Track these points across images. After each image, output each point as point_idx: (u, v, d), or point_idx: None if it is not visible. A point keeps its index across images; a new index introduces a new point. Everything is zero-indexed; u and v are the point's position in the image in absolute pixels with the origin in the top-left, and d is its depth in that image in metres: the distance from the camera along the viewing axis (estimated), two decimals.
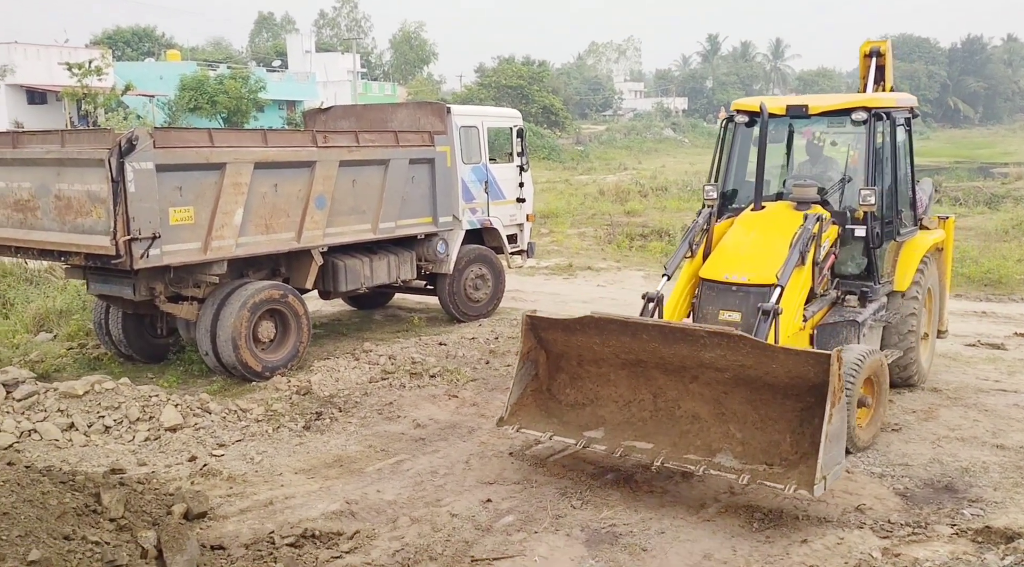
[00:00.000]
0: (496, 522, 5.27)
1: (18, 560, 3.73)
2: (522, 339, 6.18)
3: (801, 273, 6.45)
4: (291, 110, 48.80)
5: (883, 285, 7.32)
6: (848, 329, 6.81)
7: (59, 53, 37.11)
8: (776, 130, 7.83)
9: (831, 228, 6.97)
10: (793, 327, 6.34)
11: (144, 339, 9.18)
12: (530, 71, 60.98)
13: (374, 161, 9.60)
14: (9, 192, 8.12)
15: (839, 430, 5.07)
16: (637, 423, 5.91)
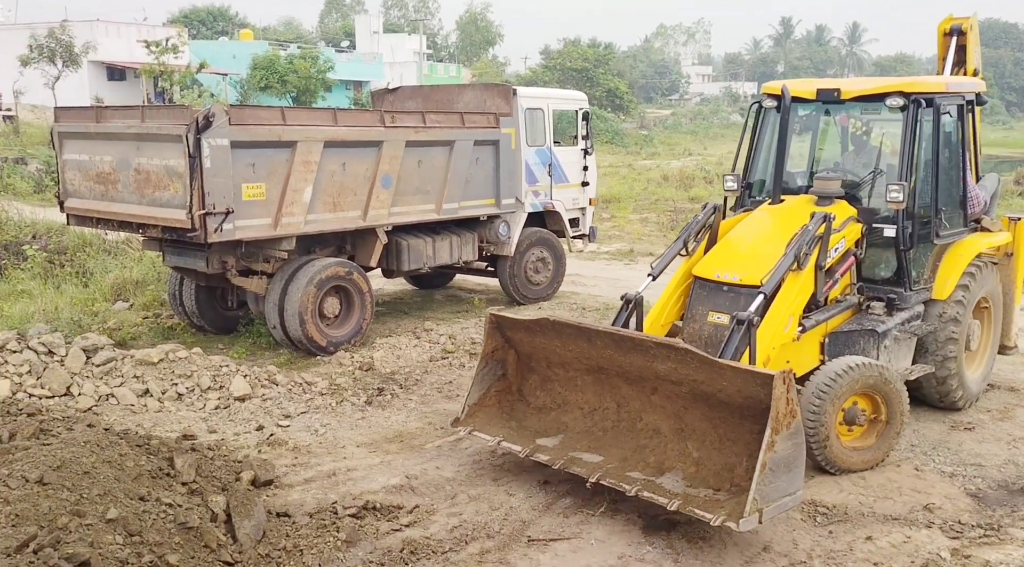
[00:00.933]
0: (553, 503, 5.30)
1: (97, 517, 3.91)
2: (485, 338, 6.01)
3: (798, 278, 5.82)
4: (358, 90, 49.37)
5: (917, 292, 6.55)
6: (865, 339, 6.18)
7: (138, 31, 38.33)
8: (808, 117, 7.26)
9: (851, 226, 6.32)
10: (781, 337, 5.72)
11: (215, 311, 9.48)
12: (596, 54, 60.32)
13: (439, 142, 9.66)
14: (92, 165, 8.45)
15: (788, 459, 4.51)
16: (597, 432, 5.60)
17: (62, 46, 29.77)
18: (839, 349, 6.16)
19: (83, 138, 8.55)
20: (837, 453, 5.60)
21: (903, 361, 6.46)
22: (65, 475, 4.09)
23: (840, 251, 6.23)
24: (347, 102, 45.43)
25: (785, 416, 4.46)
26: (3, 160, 21.75)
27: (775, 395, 4.38)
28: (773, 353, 5.65)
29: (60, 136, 8.77)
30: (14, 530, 3.54)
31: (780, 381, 4.44)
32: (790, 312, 5.80)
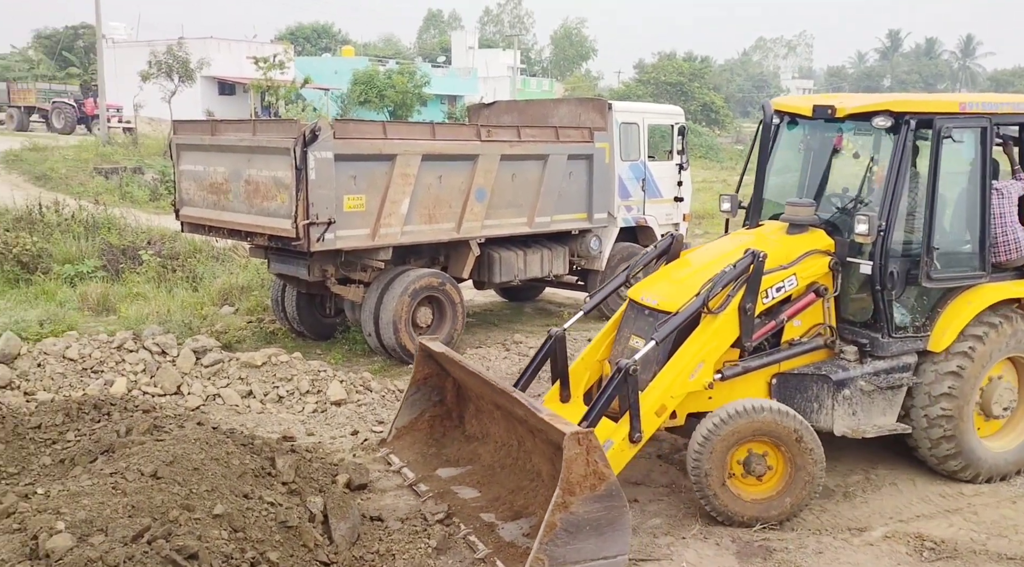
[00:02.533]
0: (643, 523, 5.23)
1: (205, 512, 4.10)
2: (415, 365, 6.00)
3: (713, 322, 5.31)
4: (452, 105, 50.34)
5: (902, 340, 5.76)
6: (818, 385, 5.61)
7: (248, 48, 40.19)
8: (810, 135, 6.65)
9: (813, 261, 5.68)
10: (685, 385, 5.24)
11: (314, 317, 9.82)
12: (691, 67, 59.56)
13: (533, 156, 9.75)
14: (206, 176, 8.92)
15: (595, 521, 4.20)
16: (497, 468, 5.43)
17: (179, 62, 31.52)
18: (789, 392, 5.64)
19: (199, 150, 9.04)
20: (732, 505, 5.13)
21: (877, 417, 5.70)
22: (176, 470, 4.30)
23: (787, 290, 5.63)
24: (442, 116, 46.37)
25: (586, 477, 4.18)
26: (123, 170, 23.17)
27: (568, 456, 4.13)
28: (672, 402, 5.21)
29: (178, 148, 9.30)
30: (130, 520, 3.75)
31: (574, 441, 4.14)
32: (699, 358, 5.28)
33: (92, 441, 4.84)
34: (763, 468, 5.16)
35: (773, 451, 5.18)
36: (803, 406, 5.60)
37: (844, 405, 5.59)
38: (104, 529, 3.59)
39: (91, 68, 43.32)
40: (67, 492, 3.95)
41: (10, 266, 11.92)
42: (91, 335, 8.05)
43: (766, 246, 5.64)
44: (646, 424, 5.04)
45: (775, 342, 5.73)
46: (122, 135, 31.51)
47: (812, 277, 5.71)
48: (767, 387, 5.63)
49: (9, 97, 37.95)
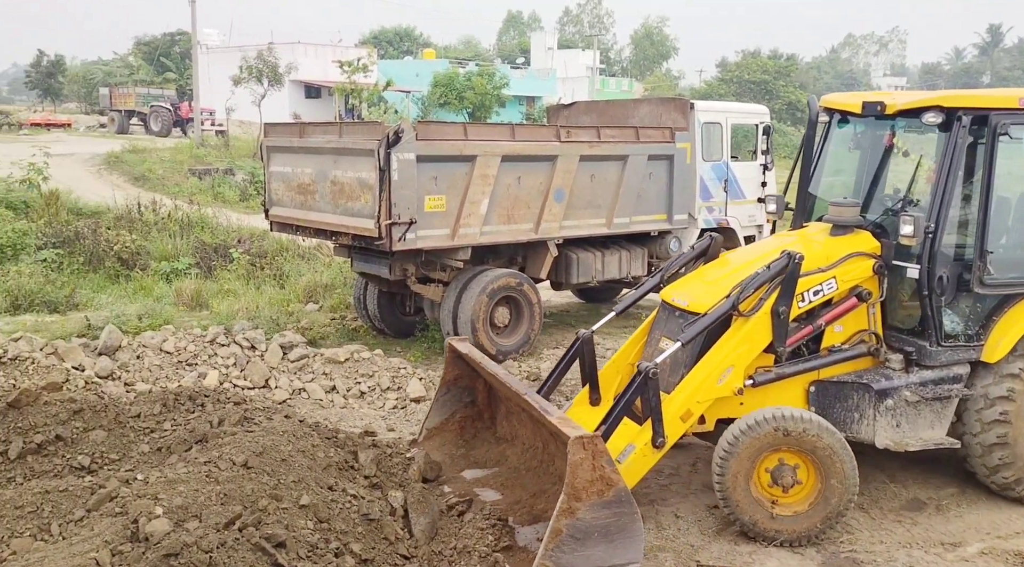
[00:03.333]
0: (724, 530, 5.14)
1: (292, 502, 4.24)
2: (445, 366, 5.89)
3: (743, 325, 5.09)
4: (530, 105, 50.51)
5: (952, 349, 5.44)
6: (858, 394, 5.32)
7: (333, 52, 41.34)
8: (861, 133, 6.33)
9: (854, 263, 5.40)
10: (712, 390, 5.04)
11: (395, 315, 10.02)
12: (776, 65, 58.11)
13: (613, 156, 9.69)
14: (294, 177, 9.21)
15: (604, 528, 4.07)
16: (522, 470, 5.26)
17: (268, 67, 32.65)
18: (828, 400, 5.38)
19: (287, 152, 9.35)
20: (760, 519, 4.88)
21: (923, 429, 5.38)
22: (266, 461, 4.46)
23: (826, 293, 5.35)
24: (520, 117, 46.59)
25: (592, 483, 4.05)
26: (215, 171, 24.16)
27: (573, 460, 4.01)
28: (698, 407, 5.03)
29: (268, 150, 9.64)
30: (222, 507, 3.91)
31: (579, 446, 4.00)
32: (729, 362, 5.07)
33: (187, 431, 5.06)
34: (790, 480, 4.92)
35: (803, 463, 4.94)
36: (843, 416, 5.35)
37: (887, 416, 5.32)
38: (198, 515, 3.76)
39: (186, 73, 45.38)
40: (164, 479, 4.14)
41: (111, 262, 12.58)
42: (186, 329, 8.43)
43: (807, 248, 5.42)
44: (670, 429, 4.88)
45: (815, 348, 5.49)
46: (214, 137, 32.86)
47: (854, 280, 5.44)
48: (804, 395, 5.38)
49: (111, 101, 40.11)
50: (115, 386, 7.11)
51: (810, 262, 5.28)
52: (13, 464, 4.74)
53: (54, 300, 10.15)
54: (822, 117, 6.25)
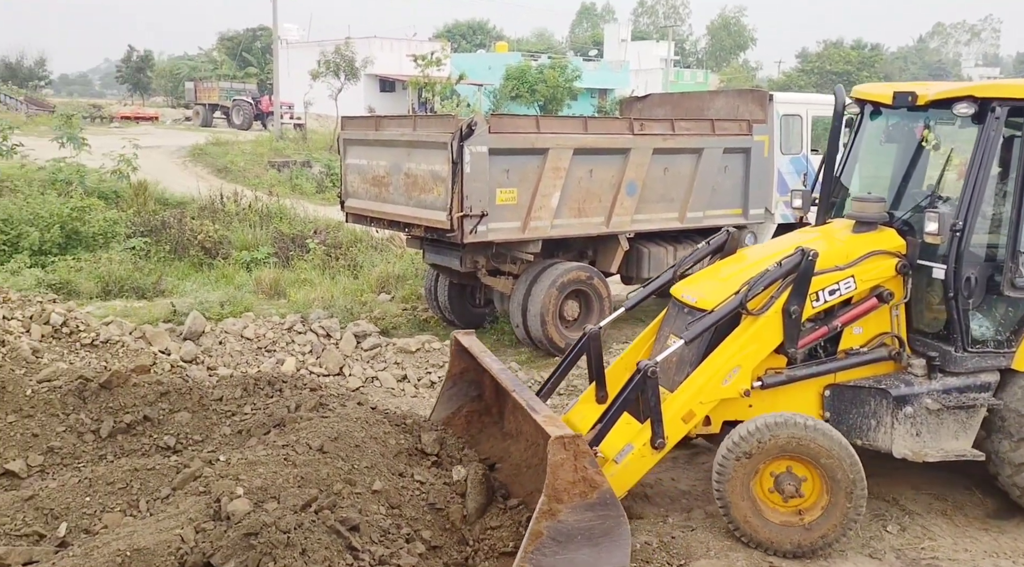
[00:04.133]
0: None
1: (365, 487, 4.34)
2: (450, 360, 5.71)
3: (752, 324, 4.85)
4: (602, 98, 50.13)
5: (980, 356, 5.10)
6: (876, 400, 5.02)
7: (407, 46, 41.89)
8: (893, 126, 5.99)
9: (875, 262, 5.09)
10: (716, 391, 4.82)
11: (465, 307, 10.12)
12: (860, 55, 56.15)
13: (687, 149, 9.54)
14: (369, 169, 9.39)
15: (588, 530, 3.93)
16: (523, 467, 5.09)
17: (345, 61, 33.31)
18: (844, 405, 5.09)
19: (363, 145, 9.53)
20: (756, 527, 4.65)
21: (946, 440, 5.05)
22: (340, 446, 4.57)
23: (843, 293, 5.05)
24: (591, 110, 46.30)
25: (574, 484, 3.92)
26: (293, 163, 24.82)
27: (553, 461, 3.89)
28: (701, 408, 4.82)
29: (345, 142, 9.84)
30: (299, 490, 4.03)
31: (559, 446, 3.88)
32: (735, 362, 4.83)
33: (266, 415, 5.23)
34: (792, 489, 4.68)
35: (809, 473, 4.69)
36: (859, 423, 5.06)
37: (906, 424, 5.00)
38: (277, 497, 3.88)
39: (267, 68, 46.70)
40: (245, 461, 4.29)
41: (195, 251, 13.09)
42: (265, 317, 8.71)
43: (828, 245, 5.18)
44: (671, 430, 4.71)
45: (832, 351, 5.19)
46: (293, 131, 33.74)
47: (875, 280, 5.12)
48: (819, 399, 5.11)
49: (196, 95, 41.63)
50: (199, 370, 7.40)
51: (827, 259, 5.04)
52: (104, 442, 4.99)
53: (142, 286, 10.63)
54: (852, 108, 5.95)
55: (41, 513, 3.91)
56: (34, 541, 3.79)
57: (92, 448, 4.91)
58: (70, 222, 12.60)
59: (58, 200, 13.37)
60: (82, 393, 5.08)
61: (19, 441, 4.74)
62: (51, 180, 15.50)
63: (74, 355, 6.39)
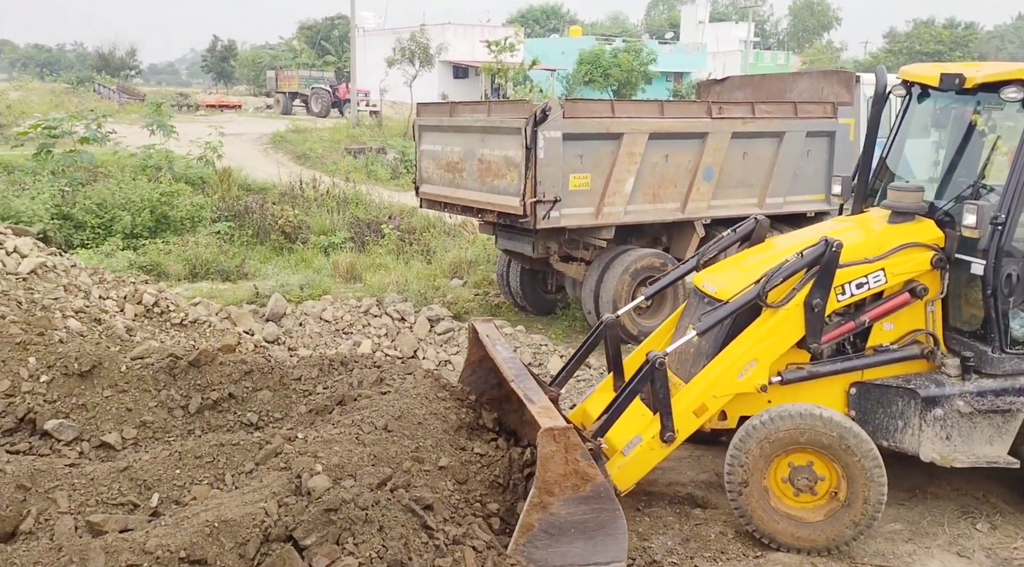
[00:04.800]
0: (881, 527, 4.86)
1: (431, 464, 4.42)
2: (469, 347, 5.60)
3: (771, 316, 4.67)
4: (678, 82, 49.20)
5: (1020, 357, 4.83)
6: (903, 400, 4.79)
7: (481, 32, 42.00)
8: (940, 109, 5.67)
9: (910, 255, 4.83)
10: (732, 384, 4.66)
11: (536, 293, 10.13)
12: (952, 35, 53.48)
13: (768, 133, 9.29)
14: (443, 155, 9.47)
15: (582, 524, 3.87)
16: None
17: (420, 48, 33.64)
18: (867, 406, 4.86)
19: (438, 130, 9.61)
20: (763, 515, 4.50)
21: (979, 445, 4.79)
22: (404, 425, 4.62)
23: (871, 287, 4.81)
24: (666, 93, 45.54)
25: (566, 476, 3.86)
26: (369, 150, 25.25)
27: (543, 453, 3.84)
28: (715, 402, 4.67)
29: (420, 129, 9.95)
30: (373, 468, 4.12)
31: (549, 438, 3.82)
32: (752, 356, 4.66)
33: (331, 393, 5.37)
34: (807, 483, 4.55)
35: (827, 467, 4.55)
36: (886, 423, 4.84)
37: (935, 427, 4.77)
38: (353, 475, 3.98)
39: (345, 56, 47.53)
40: (321, 439, 4.40)
41: (276, 235, 13.49)
42: (342, 300, 8.92)
43: (860, 235, 4.98)
44: (682, 424, 4.60)
45: (861, 347, 4.98)
46: (368, 118, 34.31)
47: (908, 274, 4.87)
48: (844, 397, 4.91)
49: (276, 84, 42.71)
50: (280, 350, 7.64)
51: (857, 251, 4.83)
52: (193, 418, 5.20)
53: (226, 269, 11.02)
54: (898, 91, 5.64)
55: (135, 484, 4.11)
56: (129, 510, 3.99)
57: (181, 423, 5.13)
58: (159, 207, 13.15)
59: (148, 185, 13.96)
60: (172, 370, 5.31)
61: (114, 415, 4.99)
62: (142, 166, 16.18)
63: (164, 334, 6.68)
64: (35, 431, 4.89)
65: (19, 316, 5.40)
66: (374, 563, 3.46)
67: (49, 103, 34.07)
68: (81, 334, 5.69)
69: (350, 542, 3.53)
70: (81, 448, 4.80)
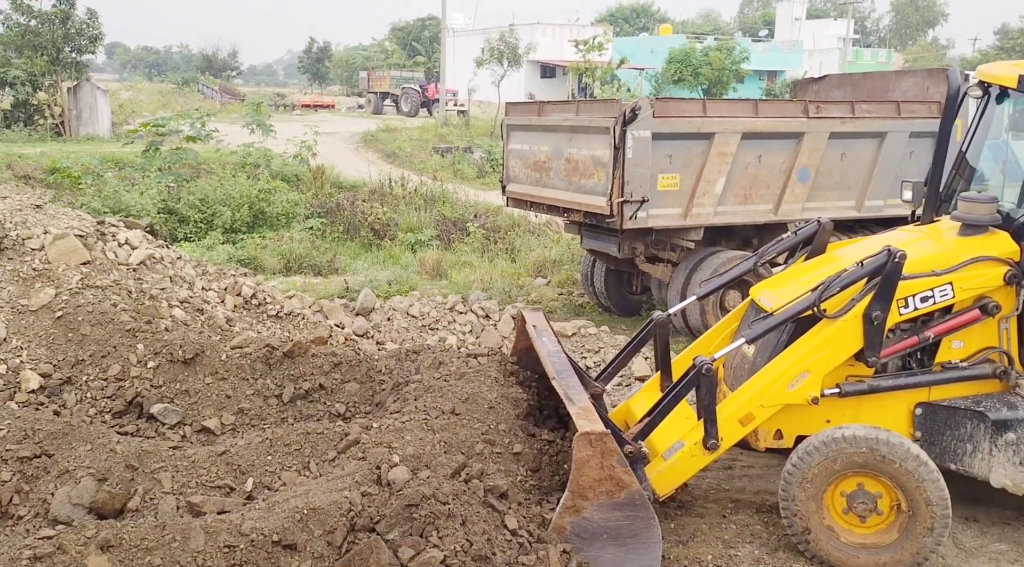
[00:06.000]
0: (984, 546, 4.62)
1: (503, 448, 4.45)
2: (516, 336, 5.56)
3: (828, 326, 4.44)
4: (771, 81, 47.84)
5: None
6: (972, 423, 4.51)
7: (570, 31, 41.93)
8: (1020, 112, 5.24)
9: (981, 268, 4.53)
10: (782, 395, 4.44)
11: (621, 294, 10.04)
12: None
13: (868, 133, 8.93)
14: (531, 154, 9.50)
15: (614, 530, 3.86)
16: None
17: (509, 48, 33.85)
18: (934, 428, 4.61)
19: (526, 130, 9.65)
20: (833, 550, 4.28)
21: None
22: (472, 408, 4.65)
23: (937, 301, 4.55)
24: (759, 93, 44.34)
25: (600, 482, 3.86)
26: (456, 149, 25.59)
27: (578, 457, 3.84)
28: (762, 412, 4.47)
29: (508, 128, 10.01)
30: (446, 456, 4.17)
31: (585, 443, 3.83)
32: (804, 366, 4.46)
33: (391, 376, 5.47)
34: (866, 508, 4.32)
35: (886, 492, 4.31)
36: (954, 446, 4.59)
37: (1007, 452, 4.49)
38: (429, 465, 4.03)
39: (434, 56, 48.32)
40: (392, 428, 4.45)
41: (366, 232, 13.85)
42: (428, 296, 9.07)
43: (929, 246, 4.74)
44: (727, 431, 4.42)
45: (928, 365, 4.72)
46: (456, 117, 34.77)
47: (979, 289, 4.58)
48: (909, 417, 4.66)
49: (368, 84, 43.80)
50: (369, 344, 7.82)
51: (924, 263, 4.59)
52: (286, 406, 5.40)
53: (318, 264, 11.38)
54: (974, 92, 5.24)
55: (231, 468, 4.29)
56: (225, 493, 4.17)
57: (275, 411, 5.33)
58: (257, 203, 13.68)
59: (247, 182, 14.55)
60: (268, 360, 5.51)
61: (215, 401, 5.23)
62: (241, 163, 16.86)
63: (261, 325, 6.94)
64: (142, 414, 5.17)
65: (129, 305, 5.71)
66: (458, 557, 3.51)
67: (157, 102, 35.95)
68: (185, 323, 5.97)
69: (434, 535, 3.59)
70: (184, 432, 5.05)
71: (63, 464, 4.19)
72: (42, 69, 23.61)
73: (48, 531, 3.57)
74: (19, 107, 23.97)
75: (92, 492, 4.03)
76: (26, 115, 23.91)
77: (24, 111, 23.95)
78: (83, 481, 4.06)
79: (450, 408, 4.62)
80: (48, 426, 4.37)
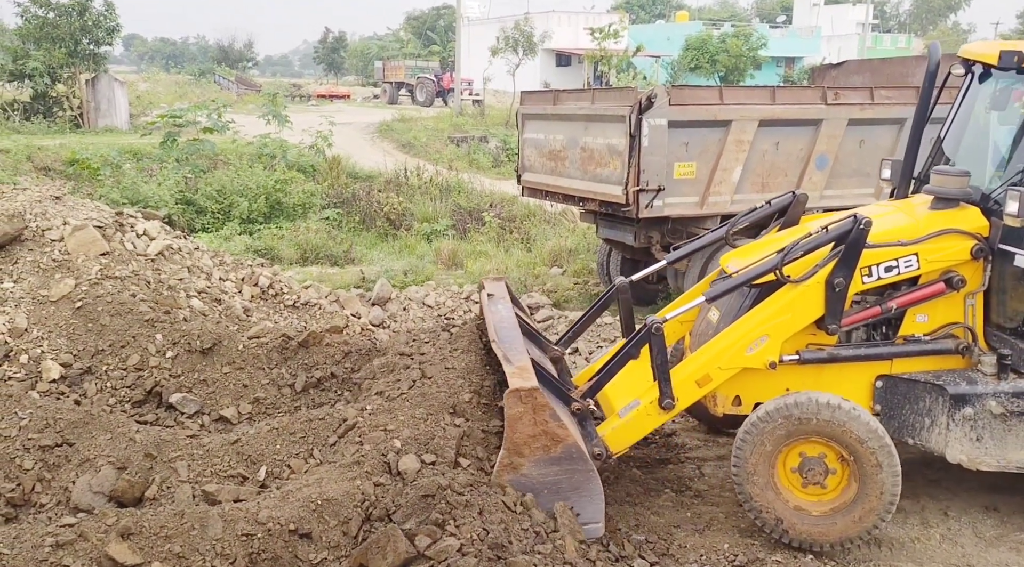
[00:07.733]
0: (1004, 535, 4.58)
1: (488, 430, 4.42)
2: (481, 307, 5.32)
3: (790, 291, 4.42)
4: (789, 67, 47.32)
5: None
6: (931, 397, 4.50)
7: (585, 19, 41.66)
8: (1001, 90, 5.15)
9: (947, 241, 4.50)
10: (740, 358, 4.43)
11: (637, 283, 9.96)
12: None
13: (887, 120, 8.81)
14: (546, 143, 9.45)
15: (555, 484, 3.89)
16: None
17: (524, 36, 33.68)
18: (893, 401, 4.60)
19: (541, 119, 9.60)
20: (779, 514, 4.32)
21: (1013, 449, 4.46)
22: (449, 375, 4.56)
23: (901, 271, 4.52)
24: (776, 79, 43.89)
25: (535, 437, 3.85)
26: (471, 138, 25.53)
27: (510, 414, 3.83)
28: (720, 373, 4.47)
29: (523, 117, 9.96)
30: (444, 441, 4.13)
31: (515, 399, 3.82)
32: (763, 330, 4.45)
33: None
34: (817, 475, 4.35)
35: (837, 460, 4.34)
36: (912, 420, 4.59)
37: (964, 427, 4.49)
38: (429, 446, 4.01)
39: (449, 46, 48.19)
40: (382, 408, 4.41)
41: (381, 222, 13.86)
42: (444, 286, 9.07)
43: (899, 218, 4.74)
44: (683, 392, 4.44)
45: (891, 338, 4.69)
46: (471, 107, 34.68)
47: (945, 262, 4.55)
48: (870, 390, 4.65)
49: (383, 74, 43.78)
50: (384, 334, 7.85)
51: (891, 233, 4.58)
52: (299, 396, 5.43)
53: (335, 254, 11.41)
54: (957, 70, 5.21)
55: (243, 457, 4.32)
56: (239, 482, 4.20)
57: (288, 400, 5.36)
58: (274, 193, 13.73)
59: (264, 173, 14.60)
60: (284, 350, 5.55)
61: (232, 390, 5.27)
62: (258, 154, 16.92)
63: (278, 315, 6.98)
64: (161, 404, 5.22)
65: (148, 295, 5.76)
66: (475, 545, 3.52)
67: (174, 94, 36.12)
68: (203, 313, 6.02)
69: (451, 524, 3.60)
70: (202, 421, 5.10)
71: (84, 453, 4.24)
72: (60, 61, 23.76)
73: (69, 519, 3.62)
74: (38, 99, 24.17)
75: (112, 480, 4.07)
76: (45, 107, 24.10)
77: (43, 103, 24.15)
78: (103, 470, 4.11)
79: (420, 375, 4.61)
80: (69, 415, 4.42)
